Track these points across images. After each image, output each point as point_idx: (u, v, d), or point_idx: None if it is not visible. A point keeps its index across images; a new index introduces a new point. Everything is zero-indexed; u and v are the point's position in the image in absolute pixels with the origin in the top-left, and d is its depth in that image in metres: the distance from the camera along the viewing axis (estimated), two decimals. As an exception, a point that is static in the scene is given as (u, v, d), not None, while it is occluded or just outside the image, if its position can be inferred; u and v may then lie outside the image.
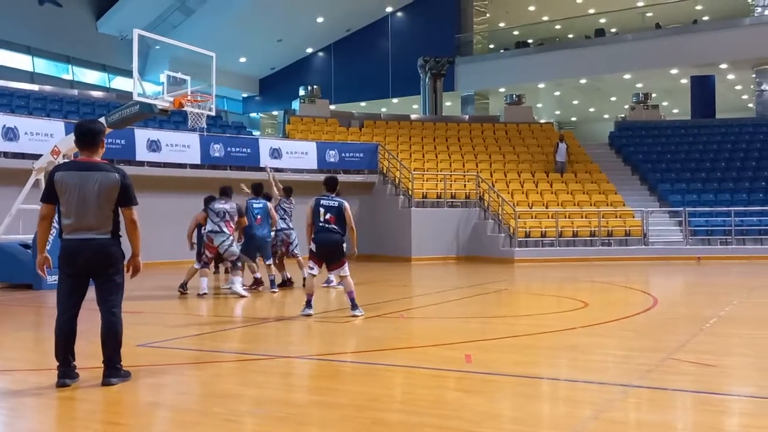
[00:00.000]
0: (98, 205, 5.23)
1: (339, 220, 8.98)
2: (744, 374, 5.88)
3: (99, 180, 5.23)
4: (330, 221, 8.93)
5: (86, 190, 5.20)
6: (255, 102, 39.30)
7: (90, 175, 5.24)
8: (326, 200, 9.10)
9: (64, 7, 30.49)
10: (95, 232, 5.27)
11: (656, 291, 13.25)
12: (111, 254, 5.34)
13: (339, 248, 9.02)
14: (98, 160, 5.42)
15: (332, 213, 8.96)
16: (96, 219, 5.25)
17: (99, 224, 5.27)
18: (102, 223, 5.27)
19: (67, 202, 5.24)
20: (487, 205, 21.96)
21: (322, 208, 8.98)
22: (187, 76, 12.28)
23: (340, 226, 8.99)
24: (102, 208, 5.25)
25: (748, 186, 23.93)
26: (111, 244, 5.34)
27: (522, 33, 35.38)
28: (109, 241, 5.33)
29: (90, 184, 5.21)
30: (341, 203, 9.06)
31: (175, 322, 9.04)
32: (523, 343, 7.21)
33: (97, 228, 5.27)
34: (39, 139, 16.75)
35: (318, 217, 8.97)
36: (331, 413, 4.59)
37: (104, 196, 5.23)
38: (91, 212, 5.23)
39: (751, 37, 27.38)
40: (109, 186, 5.24)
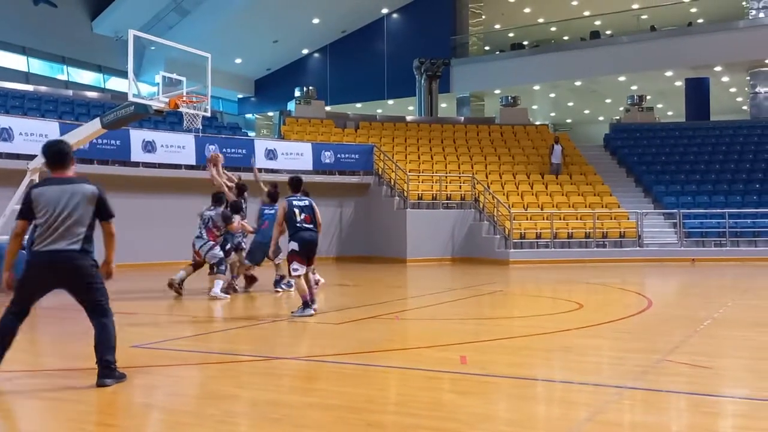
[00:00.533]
0: (77, 218, 5.34)
1: (312, 219, 9.23)
2: (738, 376, 5.89)
3: (78, 193, 5.36)
4: (306, 220, 9.15)
5: (66, 204, 5.30)
6: (250, 103, 39.27)
7: (68, 189, 5.37)
8: (297, 200, 9.27)
9: (59, 7, 30.41)
10: (67, 243, 5.32)
11: (651, 292, 13.27)
12: (82, 266, 5.39)
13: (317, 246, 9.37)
14: (72, 175, 5.54)
15: (306, 212, 9.19)
16: (70, 231, 5.32)
17: (72, 236, 5.34)
18: (76, 236, 5.34)
19: (45, 215, 5.32)
20: (483, 206, 21.97)
21: (296, 209, 9.14)
22: (183, 77, 12.26)
23: (314, 224, 9.24)
24: (80, 221, 5.35)
25: (742, 188, 24.01)
26: (81, 257, 5.38)
27: (517, 35, 35.42)
28: (78, 254, 5.37)
29: (68, 197, 5.33)
30: (311, 201, 9.35)
31: (169, 323, 9.02)
32: (519, 344, 7.21)
33: (70, 240, 5.33)
34: (34, 140, 16.70)
35: (294, 217, 9.11)
36: (326, 415, 4.58)
37: (83, 208, 5.36)
38: (69, 225, 5.32)
39: (745, 40, 27.48)
40: (88, 199, 5.38)
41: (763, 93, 29.40)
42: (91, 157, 18.20)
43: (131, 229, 17.96)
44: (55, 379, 5.70)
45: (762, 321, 8.91)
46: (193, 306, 10.57)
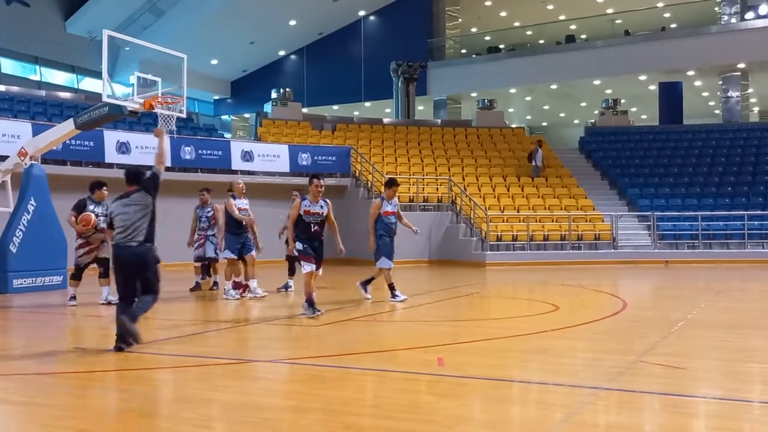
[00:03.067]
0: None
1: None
2: (711, 376, 5.97)
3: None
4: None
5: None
6: (226, 104, 39.06)
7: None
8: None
9: (31, 6, 30.02)
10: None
11: (625, 294, 13.39)
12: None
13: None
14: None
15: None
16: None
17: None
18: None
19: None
20: (459, 208, 22.05)
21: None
22: (158, 78, 12.16)
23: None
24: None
25: (714, 191, 24.35)
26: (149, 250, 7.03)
27: (494, 38, 35.62)
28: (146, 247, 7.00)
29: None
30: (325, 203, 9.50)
31: (144, 327, 8.92)
32: (495, 346, 7.24)
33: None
34: (6, 141, 16.45)
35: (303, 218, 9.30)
36: (304, 417, 4.57)
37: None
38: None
39: (717, 45, 27.90)
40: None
41: (734, 97, 29.86)
42: (64, 158, 17.98)
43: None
44: (28, 382, 5.61)
45: (735, 322, 9.03)
46: (168, 309, 10.47)
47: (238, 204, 11.40)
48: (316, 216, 9.28)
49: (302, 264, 9.37)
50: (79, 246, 10.63)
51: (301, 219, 9.27)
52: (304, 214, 9.27)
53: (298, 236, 9.31)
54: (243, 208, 11.46)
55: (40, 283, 12.93)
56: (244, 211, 11.45)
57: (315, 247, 9.34)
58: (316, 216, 9.27)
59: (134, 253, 6.94)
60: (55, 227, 13.36)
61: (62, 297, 12.36)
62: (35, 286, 12.82)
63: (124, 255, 6.94)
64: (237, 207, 11.30)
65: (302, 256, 9.30)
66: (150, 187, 7.30)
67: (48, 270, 13.15)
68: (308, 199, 9.30)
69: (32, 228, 12.95)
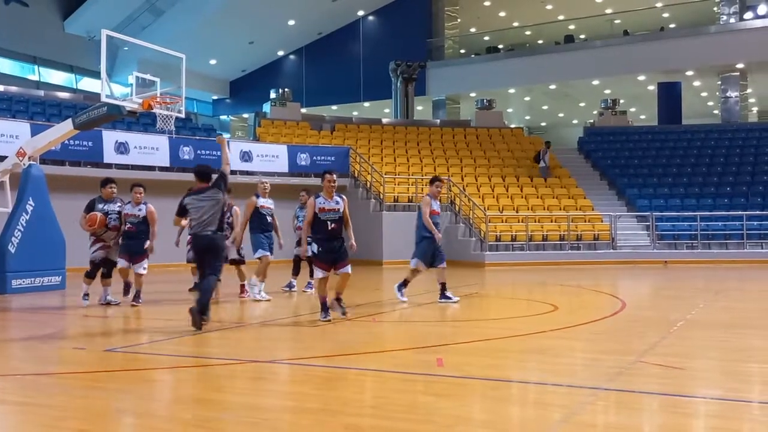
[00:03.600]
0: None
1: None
2: (710, 377, 5.97)
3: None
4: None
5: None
6: (225, 104, 39.05)
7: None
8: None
9: (30, 6, 30.00)
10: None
11: (624, 294, 13.39)
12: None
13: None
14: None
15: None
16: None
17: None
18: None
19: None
20: (458, 209, 22.05)
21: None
22: (157, 78, 12.16)
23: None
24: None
25: (713, 191, 24.37)
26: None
27: (492, 38, 35.64)
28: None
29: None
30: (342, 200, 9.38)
31: (143, 327, 8.93)
32: (494, 346, 7.24)
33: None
34: (4, 141, 16.46)
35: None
36: (303, 418, 4.56)
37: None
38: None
39: (716, 45, 27.92)
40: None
41: (733, 97, 29.89)
42: (63, 159, 17.98)
43: (104, 232, 17.79)
44: (27, 383, 5.60)
45: (734, 322, 9.03)
46: (167, 309, 10.47)
47: (262, 203, 11.44)
48: (333, 213, 8.80)
49: (315, 269, 9.01)
50: (92, 243, 10.48)
51: (317, 218, 8.80)
52: (320, 212, 8.78)
53: (315, 238, 8.88)
54: (267, 206, 11.49)
55: (38, 284, 12.92)
56: (268, 210, 11.46)
57: (335, 248, 8.84)
58: (332, 213, 8.80)
59: (209, 239, 8.33)
60: (53, 227, 13.35)
61: (61, 297, 12.36)
62: (34, 287, 12.81)
63: (200, 242, 8.41)
64: (261, 206, 11.36)
65: (316, 261, 8.91)
66: (220, 185, 8.45)
67: (46, 270, 13.15)
68: (322, 197, 8.87)
69: (31, 228, 12.95)
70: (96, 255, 10.45)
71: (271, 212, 11.55)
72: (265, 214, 11.47)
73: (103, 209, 10.41)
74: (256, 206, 11.36)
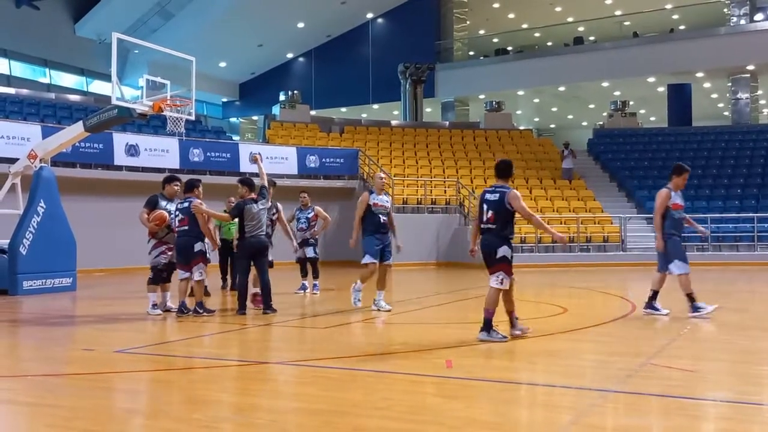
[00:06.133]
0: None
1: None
2: (721, 379, 5.93)
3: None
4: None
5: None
6: (235, 107, 39.16)
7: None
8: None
9: (41, 9, 30.20)
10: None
11: (634, 296, 13.32)
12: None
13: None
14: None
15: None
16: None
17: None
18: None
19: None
20: (467, 211, 22.03)
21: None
22: (167, 81, 12.20)
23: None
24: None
25: (723, 193, 24.23)
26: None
27: (501, 40, 35.62)
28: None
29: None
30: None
31: (153, 328, 8.95)
32: (503, 348, 7.22)
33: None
34: (16, 143, 16.57)
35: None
36: (312, 419, 4.57)
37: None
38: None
39: (726, 47, 27.80)
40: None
41: (744, 99, 29.74)
42: (74, 161, 18.08)
43: (114, 233, 17.89)
44: (37, 383, 5.63)
45: (744, 325, 8.98)
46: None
47: (376, 200, 9.86)
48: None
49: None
50: (153, 247, 9.75)
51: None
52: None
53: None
54: (381, 204, 9.89)
55: (49, 285, 12.99)
56: (382, 208, 9.86)
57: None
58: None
59: (261, 242, 9.59)
60: (64, 229, 13.42)
61: (72, 299, 12.42)
62: (45, 288, 12.88)
63: (253, 242, 9.50)
64: (374, 203, 9.81)
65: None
66: (265, 197, 9.77)
67: (57, 272, 13.22)
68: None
69: (42, 230, 13.02)
70: (158, 260, 9.74)
71: (386, 211, 9.96)
72: (378, 214, 9.85)
73: (165, 208, 9.67)
74: (369, 204, 9.84)
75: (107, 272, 18.00)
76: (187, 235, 9.41)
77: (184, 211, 9.46)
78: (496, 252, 7.39)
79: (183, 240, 9.43)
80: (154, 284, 9.74)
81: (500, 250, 7.38)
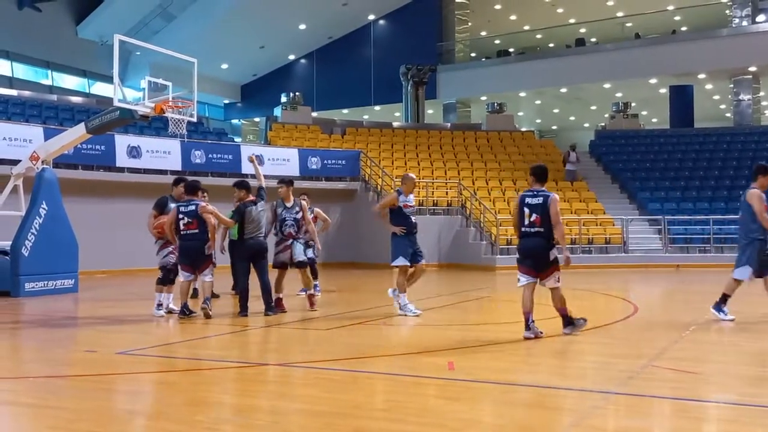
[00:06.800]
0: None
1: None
2: (723, 381, 5.92)
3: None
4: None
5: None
6: (236, 108, 39.19)
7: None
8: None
9: (43, 11, 30.25)
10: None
11: (636, 298, 13.33)
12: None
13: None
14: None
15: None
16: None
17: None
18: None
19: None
20: (469, 212, 22.02)
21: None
22: (168, 82, 12.21)
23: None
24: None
25: (726, 194, 24.20)
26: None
27: (503, 42, 35.63)
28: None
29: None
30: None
31: (155, 330, 8.96)
32: (505, 350, 7.22)
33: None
34: (18, 145, 16.58)
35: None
36: (314, 421, 4.56)
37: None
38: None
39: (728, 48, 27.78)
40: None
41: (746, 100, 29.72)
42: (76, 162, 18.09)
43: (117, 235, 17.91)
44: (39, 385, 5.64)
45: (746, 327, 8.95)
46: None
47: (406, 201, 9.67)
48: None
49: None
50: (161, 247, 9.80)
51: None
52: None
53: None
54: (410, 205, 9.76)
55: (51, 287, 13.00)
56: (412, 209, 9.76)
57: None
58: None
59: (260, 243, 9.72)
60: (66, 231, 13.44)
61: (74, 300, 12.43)
62: (47, 290, 12.88)
63: (252, 244, 9.64)
64: (404, 204, 9.63)
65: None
66: (264, 198, 9.96)
67: (59, 273, 13.23)
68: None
69: (44, 232, 13.03)
70: (166, 260, 9.73)
71: (412, 211, 9.81)
72: (410, 215, 9.73)
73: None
74: (398, 205, 9.65)
75: (109, 274, 18.01)
76: (197, 239, 9.29)
77: (190, 214, 9.35)
78: (548, 255, 7.68)
79: (193, 244, 9.29)
80: (162, 284, 9.72)
81: (552, 253, 7.70)
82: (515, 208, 8.00)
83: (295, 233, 10.10)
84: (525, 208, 7.72)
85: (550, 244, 7.66)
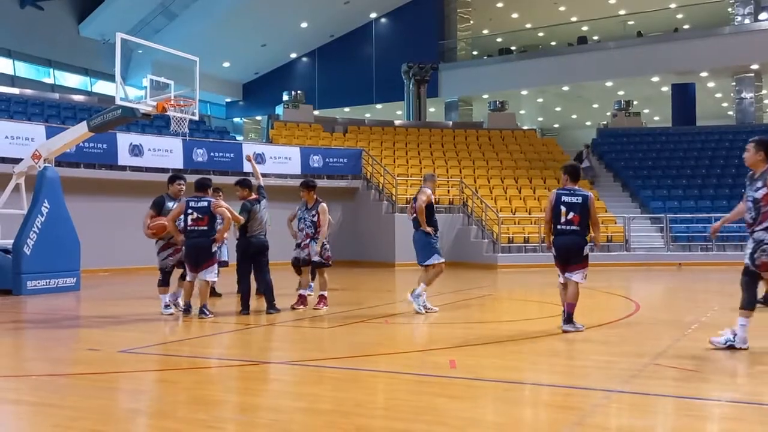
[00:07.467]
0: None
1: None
2: (725, 379, 5.92)
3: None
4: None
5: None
6: (238, 107, 39.19)
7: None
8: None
9: (45, 10, 30.26)
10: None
11: (638, 297, 13.32)
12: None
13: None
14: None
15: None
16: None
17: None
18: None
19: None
20: (471, 211, 22.02)
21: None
22: (170, 81, 12.21)
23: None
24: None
25: (728, 193, 24.18)
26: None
27: (505, 40, 35.59)
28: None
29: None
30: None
31: (157, 328, 8.96)
32: (507, 348, 7.21)
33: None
34: (20, 143, 16.60)
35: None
36: (316, 419, 4.57)
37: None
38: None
39: (730, 46, 27.75)
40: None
41: (748, 98, 29.68)
42: (78, 161, 18.11)
43: (118, 233, 17.92)
44: (41, 383, 5.64)
45: (749, 325, 8.94)
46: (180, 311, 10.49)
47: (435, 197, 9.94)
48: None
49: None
50: (161, 248, 9.68)
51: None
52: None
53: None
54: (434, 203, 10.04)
55: (53, 285, 13.01)
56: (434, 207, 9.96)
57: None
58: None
59: (262, 242, 9.76)
60: (68, 229, 13.45)
61: (76, 299, 12.44)
62: (49, 288, 12.90)
63: (254, 243, 9.70)
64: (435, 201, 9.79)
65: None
66: (265, 196, 9.98)
67: (61, 272, 13.25)
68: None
69: (46, 230, 13.04)
70: (166, 263, 9.67)
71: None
72: (435, 213, 9.98)
73: (171, 208, 9.61)
74: (431, 202, 9.82)
75: (111, 272, 18.03)
76: (205, 235, 9.20)
77: (202, 210, 9.27)
78: (583, 250, 7.91)
79: (200, 241, 9.19)
80: (164, 286, 9.69)
81: (586, 248, 7.95)
82: (549, 205, 8.02)
83: (312, 234, 10.07)
84: (561, 206, 7.82)
85: (585, 241, 7.89)
